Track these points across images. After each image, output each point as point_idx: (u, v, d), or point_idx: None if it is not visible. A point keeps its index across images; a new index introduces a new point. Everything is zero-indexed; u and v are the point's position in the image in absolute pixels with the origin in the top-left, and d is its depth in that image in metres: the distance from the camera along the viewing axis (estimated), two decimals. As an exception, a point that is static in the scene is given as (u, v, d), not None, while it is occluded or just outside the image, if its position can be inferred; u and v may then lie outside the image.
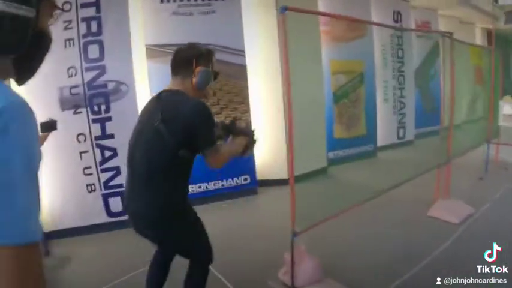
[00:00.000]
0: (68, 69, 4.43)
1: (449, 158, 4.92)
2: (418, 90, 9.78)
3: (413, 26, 9.57)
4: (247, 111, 5.62)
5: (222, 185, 5.58)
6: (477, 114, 6.61)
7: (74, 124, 4.48)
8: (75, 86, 4.46)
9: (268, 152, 6.15)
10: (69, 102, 4.47)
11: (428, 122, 10.03)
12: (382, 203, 3.98)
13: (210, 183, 5.50)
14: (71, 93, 4.46)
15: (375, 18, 8.00)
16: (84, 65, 4.48)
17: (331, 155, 7.22)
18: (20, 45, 0.90)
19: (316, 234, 3.23)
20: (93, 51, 4.48)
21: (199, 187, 5.43)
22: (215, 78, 2.34)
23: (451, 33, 4.86)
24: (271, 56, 5.94)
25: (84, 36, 4.46)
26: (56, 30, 4.10)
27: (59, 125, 3.36)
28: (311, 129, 5.97)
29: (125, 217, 4.23)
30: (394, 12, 8.83)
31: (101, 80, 4.53)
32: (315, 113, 6.23)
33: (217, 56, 5.12)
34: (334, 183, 6.18)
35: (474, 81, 6.45)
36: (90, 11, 4.47)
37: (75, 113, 4.49)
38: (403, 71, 9.08)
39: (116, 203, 4.66)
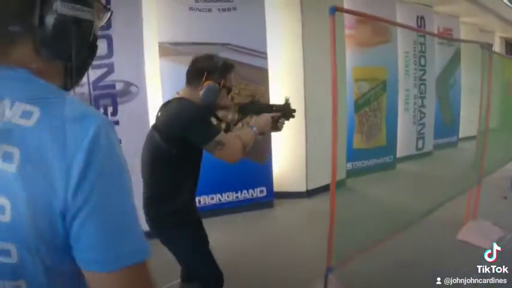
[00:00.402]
0: (72, 66, 4.02)
1: (481, 177, 4.58)
2: (437, 100, 9.41)
3: (436, 32, 9.21)
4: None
5: (237, 197, 5.21)
6: (507, 129, 6.25)
7: None
8: (79, 85, 4.03)
9: (285, 162, 5.81)
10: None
11: (446, 133, 9.83)
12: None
13: (223, 194, 5.12)
14: (74, 93, 4.01)
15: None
16: (90, 62, 4.06)
17: (349, 165, 6.84)
18: (83, 51, 0.88)
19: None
20: (101, 47, 3.97)
21: (212, 199, 5.06)
22: (228, 93, 2.28)
23: (490, 45, 4.55)
24: (293, 60, 5.60)
25: None
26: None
27: None
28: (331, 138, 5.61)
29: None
30: (417, 17, 8.50)
31: (109, 79, 4.13)
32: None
33: (237, 57, 4.82)
34: (356, 200, 5.77)
35: (506, 94, 6.09)
36: (100, 3, 4.06)
37: None
38: (424, 80, 8.72)
39: None
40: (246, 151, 2.18)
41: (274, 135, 5.33)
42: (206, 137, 2.06)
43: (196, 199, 4.75)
